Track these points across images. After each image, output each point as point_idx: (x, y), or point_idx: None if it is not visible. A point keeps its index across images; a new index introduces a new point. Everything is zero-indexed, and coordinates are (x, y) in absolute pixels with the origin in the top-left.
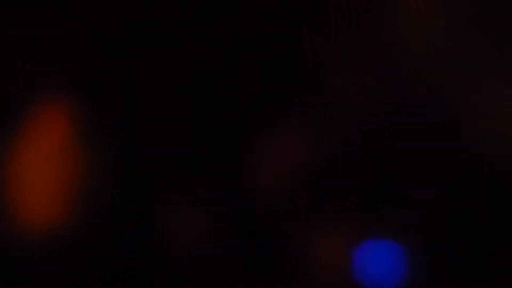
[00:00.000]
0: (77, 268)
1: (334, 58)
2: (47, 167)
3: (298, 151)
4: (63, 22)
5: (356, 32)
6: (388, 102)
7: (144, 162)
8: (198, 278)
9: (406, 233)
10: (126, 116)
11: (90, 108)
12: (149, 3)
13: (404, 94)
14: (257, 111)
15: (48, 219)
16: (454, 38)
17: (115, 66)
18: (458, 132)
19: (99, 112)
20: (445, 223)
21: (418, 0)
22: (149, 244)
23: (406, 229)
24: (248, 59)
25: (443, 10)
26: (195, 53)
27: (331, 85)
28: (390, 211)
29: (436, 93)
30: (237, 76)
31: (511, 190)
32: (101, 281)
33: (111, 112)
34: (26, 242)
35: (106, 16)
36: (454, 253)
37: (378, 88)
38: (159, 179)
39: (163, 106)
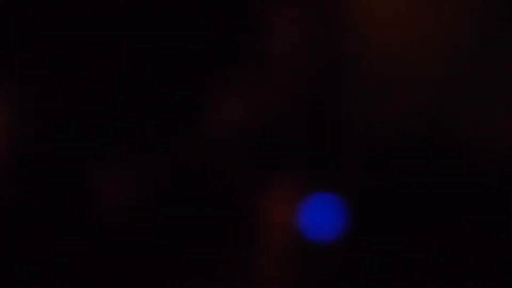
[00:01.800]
0: None
1: (276, 23)
2: None
3: (241, 113)
4: None
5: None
6: (328, 65)
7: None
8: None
9: (346, 189)
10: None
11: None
12: None
13: (342, 57)
14: (199, 74)
15: None
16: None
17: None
18: (394, 96)
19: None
20: (383, 182)
21: None
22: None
23: (347, 186)
24: (189, 24)
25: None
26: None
27: (274, 50)
28: (332, 169)
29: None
30: (179, 39)
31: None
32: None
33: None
34: None
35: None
36: (391, 208)
37: (320, 51)
38: (101, 141)
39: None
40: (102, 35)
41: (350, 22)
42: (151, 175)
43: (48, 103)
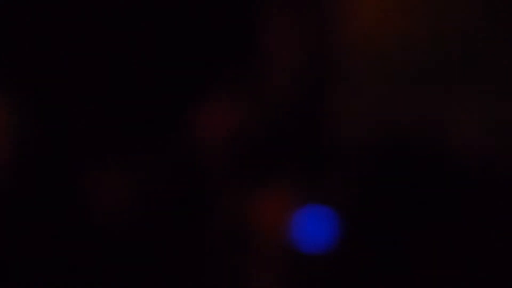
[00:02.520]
0: None
1: (269, 30)
2: None
3: (233, 120)
4: None
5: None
6: (320, 71)
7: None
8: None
9: (338, 199)
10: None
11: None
12: None
13: (334, 65)
14: (193, 79)
15: None
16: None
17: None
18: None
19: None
20: (376, 191)
21: None
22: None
23: (338, 196)
24: (185, 27)
25: None
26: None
27: (267, 56)
28: (323, 179)
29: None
30: (175, 44)
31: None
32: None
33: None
34: None
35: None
36: (383, 219)
37: (312, 58)
38: (96, 143)
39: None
40: (101, 36)
41: (346, 26)
42: (144, 177)
43: (45, 105)
